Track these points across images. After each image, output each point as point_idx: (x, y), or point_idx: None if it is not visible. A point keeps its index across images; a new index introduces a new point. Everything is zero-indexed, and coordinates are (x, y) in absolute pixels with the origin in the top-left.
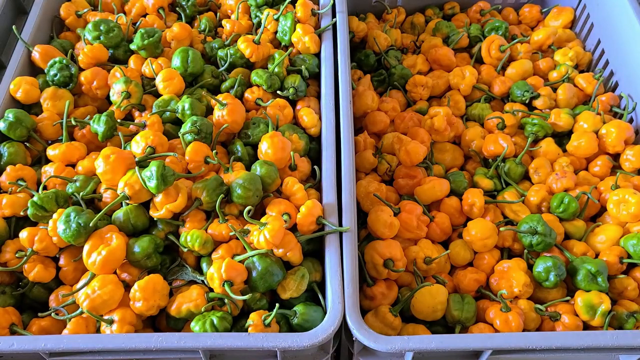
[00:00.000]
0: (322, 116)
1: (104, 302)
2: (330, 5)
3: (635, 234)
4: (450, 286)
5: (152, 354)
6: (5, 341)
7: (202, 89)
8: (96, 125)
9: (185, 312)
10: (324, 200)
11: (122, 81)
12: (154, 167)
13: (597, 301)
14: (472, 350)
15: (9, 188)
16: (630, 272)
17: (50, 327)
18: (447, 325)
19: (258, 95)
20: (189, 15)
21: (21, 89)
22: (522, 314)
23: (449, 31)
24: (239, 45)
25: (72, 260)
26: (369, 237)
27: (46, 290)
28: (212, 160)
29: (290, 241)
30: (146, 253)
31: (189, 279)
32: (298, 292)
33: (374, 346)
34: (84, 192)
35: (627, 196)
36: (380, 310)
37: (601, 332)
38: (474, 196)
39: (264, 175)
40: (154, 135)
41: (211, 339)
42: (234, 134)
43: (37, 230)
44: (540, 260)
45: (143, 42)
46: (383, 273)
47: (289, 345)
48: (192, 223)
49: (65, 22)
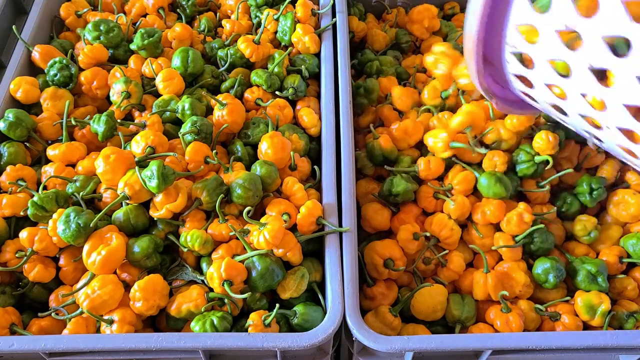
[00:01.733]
0: (322, 116)
1: (104, 302)
2: (330, 5)
3: (635, 233)
4: (450, 286)
5: (152, 354)
6: (5, 341)
7: (202, 89)
8: (96, 125)
9: (185, 312)
10: (324, 201)
11: (122, 81)
12: (154, 166)
13: (597, 301)
14: (472, 350)
15: (9, 188)
16: (630, 272)
17: (50, 327)
18: (447, 325)
19: (258, 95)
20: (189, 15)
21: (21, 89)
22: (522, 315)
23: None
24: (239, 45)
25: (72, 260)
26: (368, 238)
27: (46, 290)
28: (212, 160)
29: (290, 241)
30: (146, 253)
31: (189, 279)
32: (298, 292)
33: (374, 346)
34: (84, 192)
35: (627, 196)
36: (380, 310)
37: (601, 332)
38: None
39: (264, 175)
40: (154, 135)
41: (211, 339)
42: (234, 134)
43: (37, 230)
44: (539, 261)
45: (143, 42)
46: (384, 273)
47: (289, 345)
48: (192, 223)
49: (65, 22)
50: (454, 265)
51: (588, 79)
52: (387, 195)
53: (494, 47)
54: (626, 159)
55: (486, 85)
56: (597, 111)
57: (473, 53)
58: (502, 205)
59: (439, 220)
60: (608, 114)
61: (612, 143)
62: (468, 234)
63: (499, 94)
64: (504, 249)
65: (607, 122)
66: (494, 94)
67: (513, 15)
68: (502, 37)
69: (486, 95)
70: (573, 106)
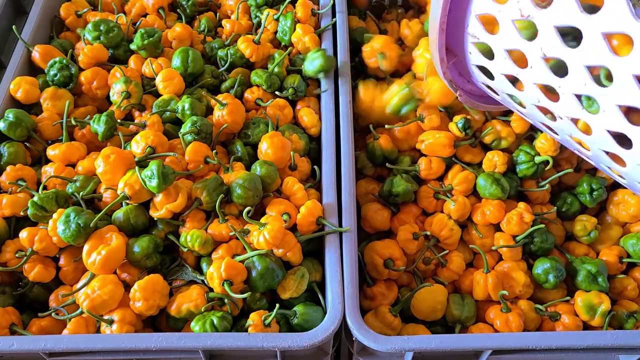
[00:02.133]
0: (321, 116)
1: (104, 302)
2: (330, 5)
3: (635, 233)
4: (450, 286)
5: (152, 354)
6: (5, 341)
7: (202, 89)
8: (96, 125)
9: (185, 312)
10: (324, 201)
11: (122, 81)
12: (154, 166)
13: (597, 301)
14: (472, 350)
15: (9, 188)
16: (629, 272)
17: (50, 327)
18: (447, 325)
19: (258, 95)
20: (189, 15)
21: (21, 89)
22: (522, 315)
23: None
24: (239, 45)
25: (72, 260)
26: (368, 238)
27: (46, 290)
28: (212, 160)
29: (290, 241)
30: (146, 253)
31: (189, 279)
32: (298, 292)
33: (374, 346)
34: (84, 192)
35: (627, 196)
36: (380, 310)
37: (601, 332)
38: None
39: (263, 175)
40: (154, 135)
41: (211, 339)
42: (234, 134)
43: (37, 230)
44: (539, 262)
45: (143, 42)
46: (384, 273)
47: (289, 345)
48: (192, 223)
49: (65, 22)
50: (454, 265)
51: (543, 69)
52: (387, 196)
53: (459, 39)
54: (577, 149)
55: (450, 77)
56: (551, 102)
57: (436, 42)
58: (502, 206)
59: (439, 220)
60: (561, 104)
61: (564, 134)
62: (468, 234)
63: (464, 88)
64: (504, 249)
65: (560, 112)
66: (458, 86)
67: (474, 5)
68: (465, 28)
69: (450, 87)
70: (529, 97)
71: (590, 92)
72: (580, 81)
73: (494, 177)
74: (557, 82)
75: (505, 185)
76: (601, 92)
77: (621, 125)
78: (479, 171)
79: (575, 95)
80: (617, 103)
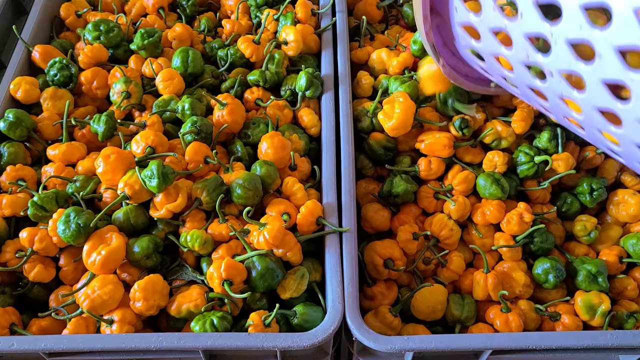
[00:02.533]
0: (321, 116)
1: (104, 302)
2: (330, 5)
3: (635, 233)
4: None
5: (152, 354)
6: (5, 341)
7: (202, 89)
8: (96, 125)
9: (185, 312)
10: (324, 201)
11: (122, 81)
12: (154, 165)
13: (597, 301)
14: (472, 350)
15: (9, 188)
16: (629, 272)
17: (50, 327)
18: (447, 325)
19: (258, 96)
20: (189, 15)
21: (21, 89)
22: (522, 315)
23: None
24: (239, 45)
25: (72, 260)
26: (368, 238)
27: (46, 290)
28: (212, 160)
29: (290, 241)
30: (146, 253)
31: (189, 278)
32: (298, 292)
33: (374, 346)
34: (84, 192)
35: (627, 197)
36: (380, 310)
37: (601, 332)
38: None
39: (263, 175)
40: (154, 135)
41: (211, 339)
42: (234, 134)
43: (37, 230)
44: (539, 262)
45: (143, 42)
46: (384, 273)
47: (289, 345)
48: (192, 223)
49: (65, 22)
50: (454, 265)
51: (535, 19)
52: (387, 196)
53: None
54: (568, 114)
55: (433, 39)
56: (541, 54)
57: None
58: (502, 206)
59: (439, 220)
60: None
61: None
62: (468, 234)
63: (450, 63)
64: (504, 249)
65: (552, 66)
66: (441, 55)
67: None
68: None
69: (433, 54)
70: (518, 53)
71: (586, 35)
72: (575, 24)
73: (494, 177)
74: (549, 29)
75: (505, 186)
76: (599, 35)
77: (619, 72)
78: (479, 171)
79: (569, 44)
80: (616, 44)
